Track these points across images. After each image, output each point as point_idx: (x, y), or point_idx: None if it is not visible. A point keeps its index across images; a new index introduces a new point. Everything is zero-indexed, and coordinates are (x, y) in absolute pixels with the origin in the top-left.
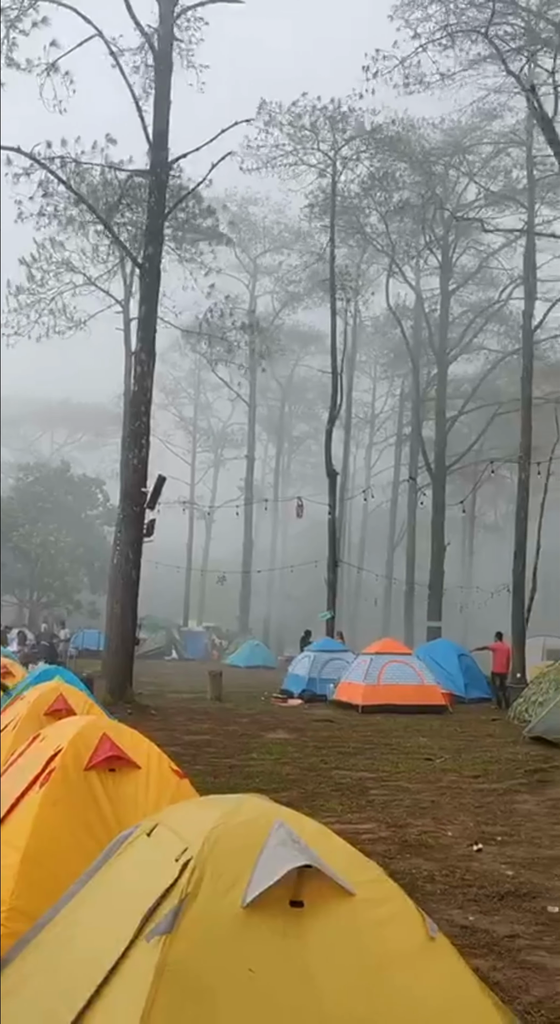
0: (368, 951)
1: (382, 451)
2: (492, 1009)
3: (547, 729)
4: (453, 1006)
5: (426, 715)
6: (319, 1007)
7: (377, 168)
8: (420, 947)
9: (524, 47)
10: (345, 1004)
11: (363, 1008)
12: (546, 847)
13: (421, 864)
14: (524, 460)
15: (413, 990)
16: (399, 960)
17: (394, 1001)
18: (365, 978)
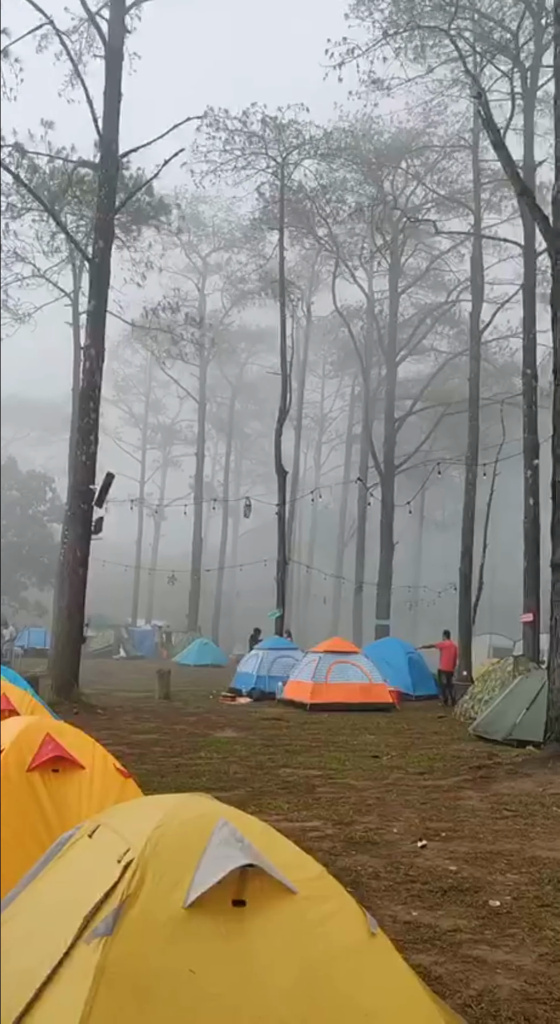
0: (309, 949)
1: (332, 450)
2: (430, 1004)
3: (492, 726)
4: (392, 1001)
5: (374, 713)
6: (260, 1006)
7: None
8: (361, 944)
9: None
10: (286, 1002)
11: (304, 1005)
12: (488, 842)
13: (366, 861)
14: (471, 460)
15: (353, 986)
16: (340, 957)
17: (335, 998)
18: (306, 975)
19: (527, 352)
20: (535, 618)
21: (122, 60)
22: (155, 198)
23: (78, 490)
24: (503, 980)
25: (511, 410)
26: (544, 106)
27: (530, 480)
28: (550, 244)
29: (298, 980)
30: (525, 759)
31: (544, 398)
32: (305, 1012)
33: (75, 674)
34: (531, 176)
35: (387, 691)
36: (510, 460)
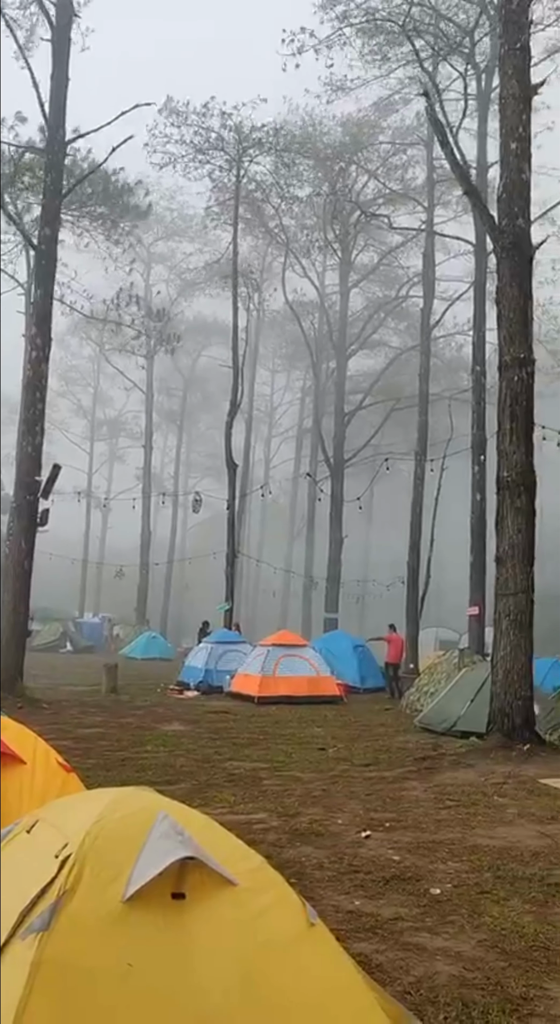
0: (248, 940)
1: (281, 444)
2: (367, 991)
3: (436, 718)
4: (330, 990)
5: (321, 705)
6: (199, 997)
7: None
8: (300, 934)
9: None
10: (225, 993)
11: (243, 996)
12: (431, 832)
13: (311, 852)
14: (420, 455)
15: (292, 976)
16: (279, 947)
17: (273, 988)
18: (245, 967)
19: (476, 349)
20: (481, 612)
21: (70, 44)
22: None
23: (23, 482)
24: (442, 966)
25: (460, 406)
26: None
27: (477, 475)
28: (495, 243)
29: (237, 971)
30: (468, 750)
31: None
32: (244, 1003)
33: (19, 668)
34: (483, 176)
35: (334, 684)
36: (458, 455)
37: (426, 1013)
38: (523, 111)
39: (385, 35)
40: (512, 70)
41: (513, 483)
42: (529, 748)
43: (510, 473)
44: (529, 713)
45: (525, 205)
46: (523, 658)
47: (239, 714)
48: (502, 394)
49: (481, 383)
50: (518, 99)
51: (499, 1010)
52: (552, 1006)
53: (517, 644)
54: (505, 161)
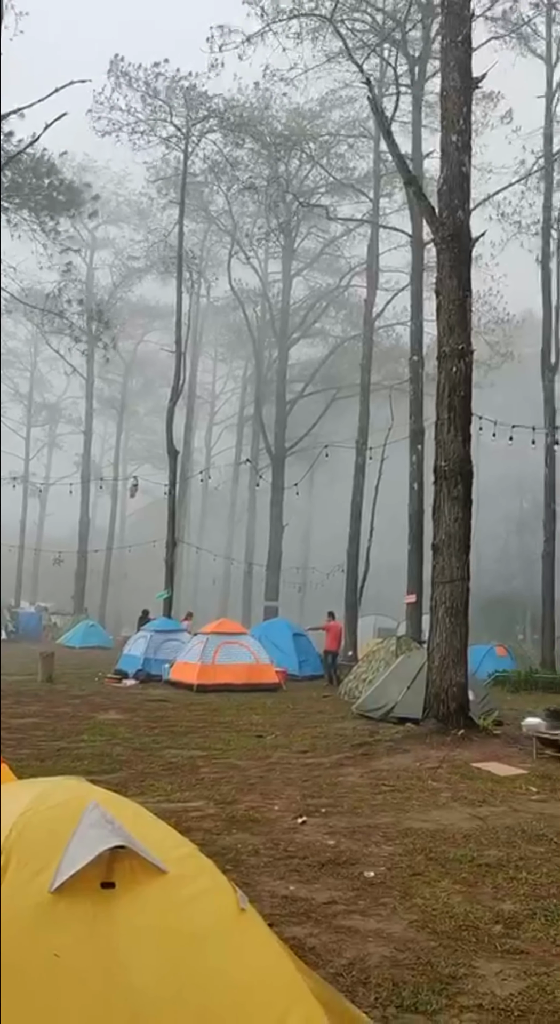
0: (178, 927)
1: (223, 431)
2: (296, 974)
3: (374, 705)
4: (260, 975)
5: (260, 693)
6: (127, 987)
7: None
8: (230, 920)
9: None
10: (153, 982)
11: (171, 984)
12: (366, 816)
13: (247, 839)
14: (360, 444)
15: (221, 962)
16: (209, 934)
17: (203, 974)
18: (174, 954)
19: (414, 339)
20: (418, 599)
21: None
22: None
23: None
24: (374, 948)
25: (400, 395)
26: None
27: (415, 465)
28: (435, 234)
29: (167, 958)
30: (404, 736)
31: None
32: (172, 990)
33: None
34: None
35: (274, 671)
36: (398, 445)
37: (357, 994)
38: (464, 104)
39: (316, 27)
40: (453, 62)
41: (450, 472)
42: (463, 733)
43: (447, 463)
44: (463, 699)
45: (465, 197)
46: (458, 645)
47: (178, 702)
48: (440, 384)
49: (419, 373)
50: (459, 91)
51: (429, 989)
52: (480, 983)
53: (453, 631)
54: (446, 153)
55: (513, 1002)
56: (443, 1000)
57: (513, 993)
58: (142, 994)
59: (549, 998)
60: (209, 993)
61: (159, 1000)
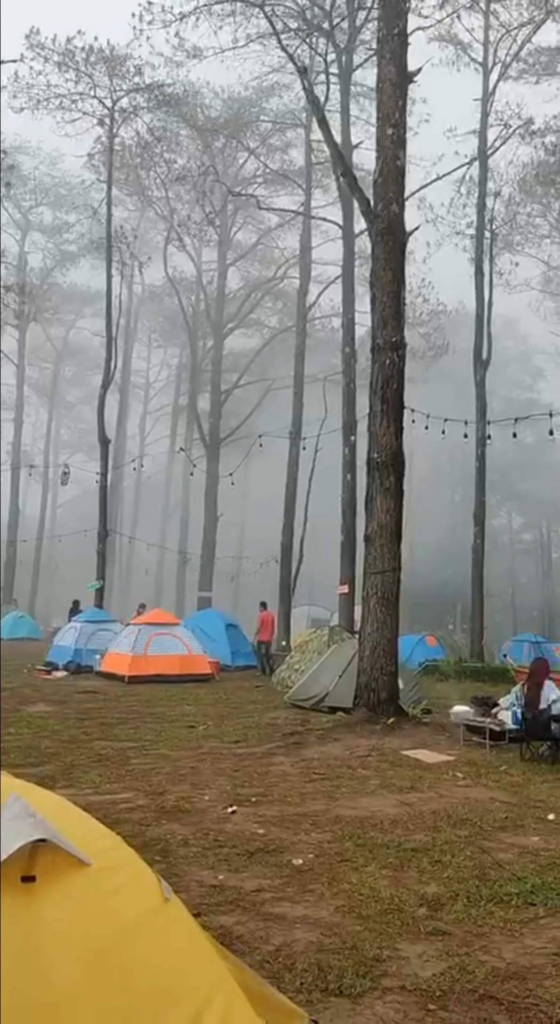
0: (101, 919)
1: (157, 420)
2: (220, 962)
3: (305, 695)
4: (182, 964)
5: (193, 684)
6: (49, 980)
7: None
8: (153, 910)
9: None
10: (75, 976)
11: (94, 977)
12: (296, 805)
13: (177, 829)
14: (294, 435)
15: (144, 952)
16: (132, 925)
17: (125, 966)
18: (96, 946)
19: (346, 331)
20: (351, 589)
21: None
22: None
23: None
24: (301, 934)
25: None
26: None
27: (348, 456)
28: (370, 226)
29: (89, 951)
30: (335, 725)
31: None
32: (95, 983)
33: None
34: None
35: (207, 662)
36: (332, 436)
37: (283, 980)
38: (399, 97)
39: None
40: (389, 55)
41: (383, 464)
42: (393, 722)
43: (380, 454)
44: (393, 688)
45: (399, 191)
46: (389, 634)
47: (109, 694)
48: (374, 377)
49: (351, 365)
50: (395, 85)
51: (353, 972)
52: (403, 965)
53: (384, 621)
54: (381, 146)
55: (435, 982)
56: (367, 983)
57: (435, 974)
58: (63, 987)
59: (469, 977)
60: (131, 983)
61: (80, 992)
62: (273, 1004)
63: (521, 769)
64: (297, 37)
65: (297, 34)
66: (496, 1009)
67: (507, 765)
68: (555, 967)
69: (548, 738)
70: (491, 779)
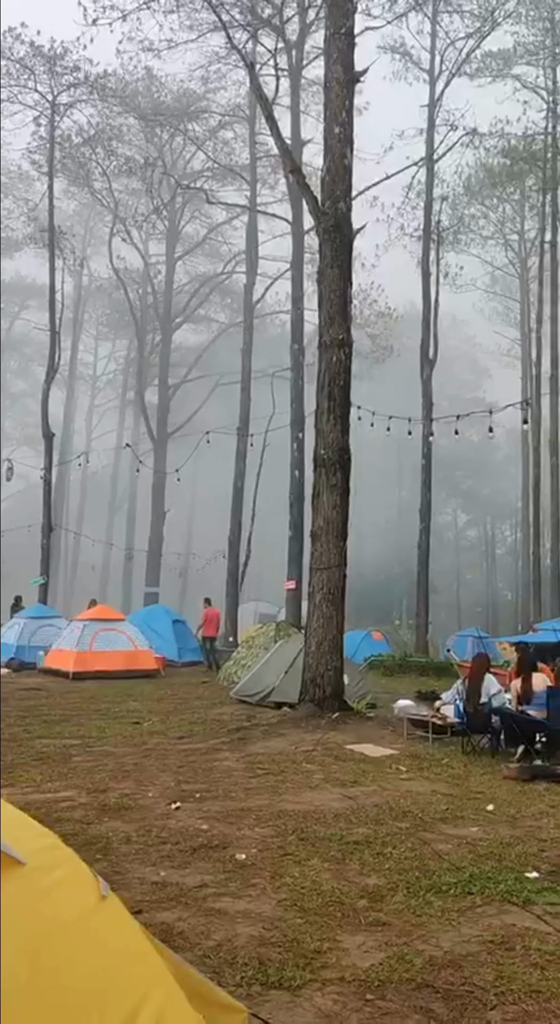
0: (35, 919)
1: (104, 414)
2: (157, 958)
3: (251, 690)
4: (119, 961)
5: (139, 680)
6: None
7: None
8: (90, 909)
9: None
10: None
11: (29, 978)
12: (240, 800)
13: (119, 826)
14: (242, 431)
15: (80, 951)
16: (69, 923)
17: (60, 965)
18: (31, 946)
19: (295, 327)
20: (298, 585)
21: None
22: None
23: None
24: (242, 928)
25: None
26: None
27: (296, 452)
28: (318, 224)
29: (23, 951)
30: (281, 720)
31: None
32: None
33: None
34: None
35: (152, 658)
36: (281, 432)
37: (224, 975)
38: (346, 96)
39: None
40: (337, 54)
41: (329, 461)
42: (338, 716)
43: (327, 451)
44: (339, 683)
45: (347, 189)
46: (334, 630)
47: (52, 691)
48: (320, 373)
49: (299, 361)
50: (342, 83)
51: (294, 965)
52: (343, 956)
53: (329, 617)
54: (328, 145)
55: (373, 972)
56: (307, 975)
57: (374, 964)
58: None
59: (407, 966)
60: (66, 983)
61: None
62: (212, 999)
63: (462, 761)
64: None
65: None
66: (433, 997)
67: (449, 758)
68: (490, 954)
69: (488, 731)
70: (433, 772)
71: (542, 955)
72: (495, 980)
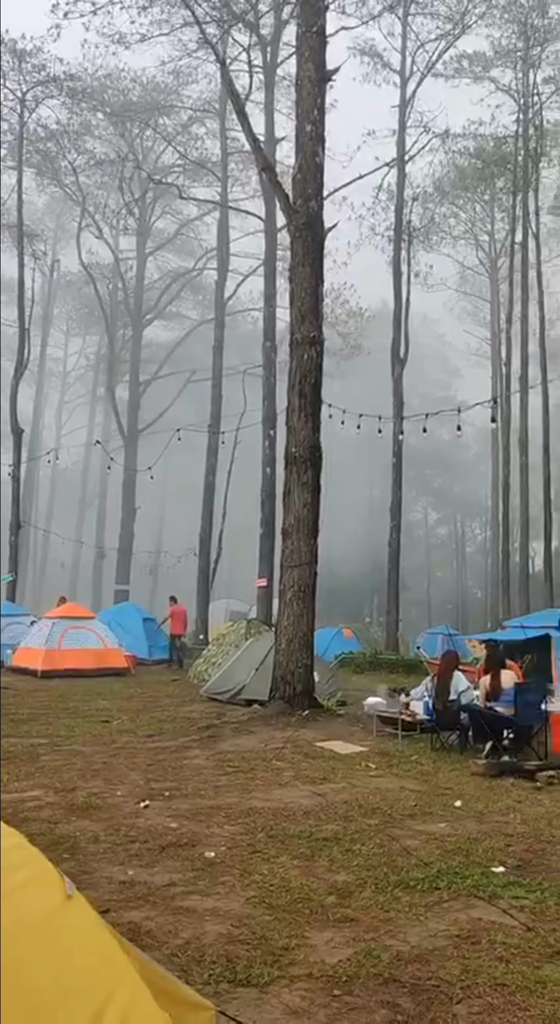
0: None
1: (74, 411)
2: (123, 956)
3: (222, 688)
4: (84, 960)
5: (108, 678)
6: None
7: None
8: (55, 908)
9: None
10: None
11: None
12: (209, 798)
13: (87, 826)
14: (213, 428)
15: (45, 951)
16: (33, 925)
17: (25, 966)
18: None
19: (267, 324)
20: (269, 583)
21: None
22: None
23: None
24: (211, 926)
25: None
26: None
27: (267, 450)
28: (289, 222)
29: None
30: (251, 717)
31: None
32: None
33: None
34: (272, 151)
35: (122, 656)
36: (252, 429)
37: (192, 973)
38: (318, 94)
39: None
40: (308, 52)
41: (300, 458)
42: (308, 714)
43: (298, 449)
44: (309, 680)
45: (319, 187)
46: (305, 628)
47: (20, 689)
48: (292, 371)
49: (271, 359)
50: (314, 82)
51: (262, 962)
52: (311, 953)
53: (300, 614)
54: (300, 143)
55: (341, 968)
56: (275, 971)
57: (341, 960)
58: None
59: (374, 961)
60: (31, 983)
61: None
62: (179, 997)
63: (431, 758)
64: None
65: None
66: (400, 992)
67: (418, 755)
68: (456, 948)
69: (457, 728)
70: (402, 768)
71: (507, 948)
72: (461, 974)
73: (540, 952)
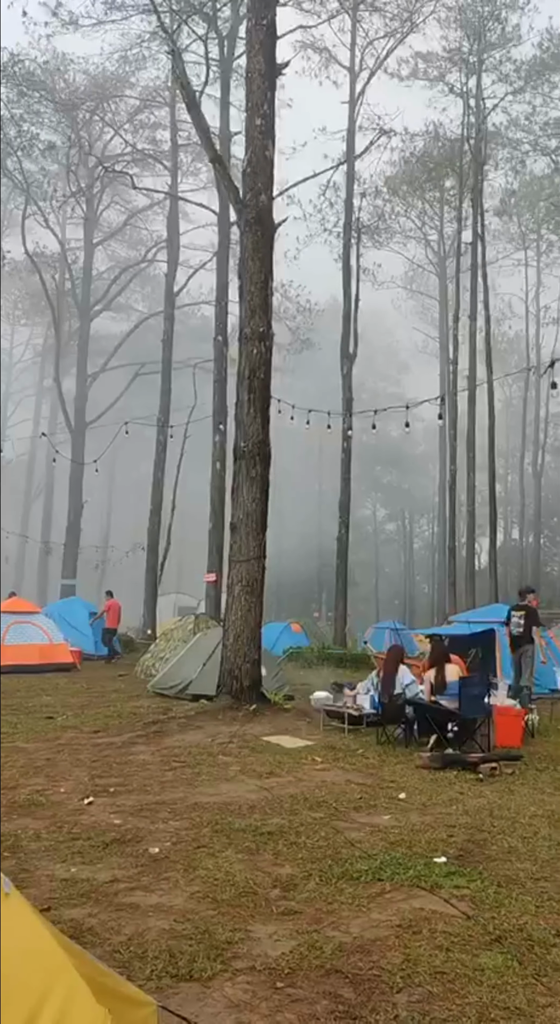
0: None
1: (20, 402)
2: (61, 954)
3: (169, 683)
4: (21, 958)
5: (54, 674)
6: None
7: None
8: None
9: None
10: None
11: None
12: (155, 794)
13: (29, 823)
14: (162, 421)
15: None
16: None
17: None
18: None
19: (218, 318)
20: (218, 578)
21: None
22: None
23: None
24: (154, 922)
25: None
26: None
27: (218, 444)
28: (239, 216)
29: None
30: (198, 712)
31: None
32: None
33: None
34: (227, 146)
35: (69, 651)
36: (202, 423)
37: (134, 969)
38: (268, 88)
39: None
40: (258, 45)
41: (249, 453)
42: (255, 708)
43: (247, 443)
44: (256, 675)
45: (268, 182)
46: (253, 622)
47: None
48: (241, 366)
49: (222, 353)
50: (264, 76)
51: (205, 956)
52: (254, 946)
53: (248, 609)
54: (250, 137)
55: (284, 961)
56: (218, 965)
57: (284, 952)
58: None
59: (317, 953)
60: None
61: None
62: (120, 994)
63: (377, 752)
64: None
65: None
66: (341, 982)
67: (364, 748)
68: (398, 938)
69: (402, 721)
70: (348, 762)
71: (448, 937)
72: (402, 963)
73: (479, 940)
